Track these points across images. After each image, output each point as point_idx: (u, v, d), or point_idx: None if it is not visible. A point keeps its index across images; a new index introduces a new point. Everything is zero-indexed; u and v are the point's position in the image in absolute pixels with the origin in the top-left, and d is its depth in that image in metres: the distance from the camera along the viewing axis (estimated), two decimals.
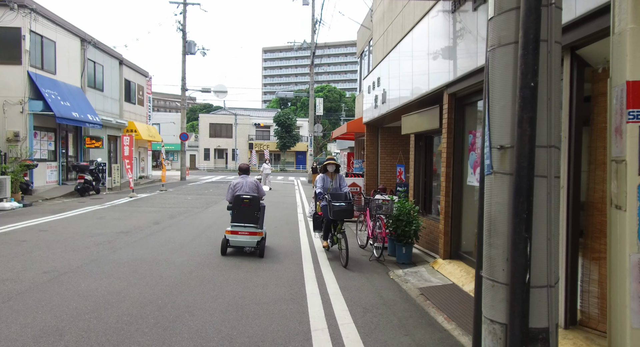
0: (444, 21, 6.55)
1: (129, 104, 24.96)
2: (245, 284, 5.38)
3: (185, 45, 28.11)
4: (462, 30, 5.93)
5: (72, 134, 19.05)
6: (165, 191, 19.11)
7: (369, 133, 13.45)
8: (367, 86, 12.93)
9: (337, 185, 7.48)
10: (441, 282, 5.84)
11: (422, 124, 7.91)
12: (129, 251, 6.89)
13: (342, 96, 75.49)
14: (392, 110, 9.82)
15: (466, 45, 5.76)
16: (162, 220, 10.44)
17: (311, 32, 29.72)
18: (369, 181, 13.29)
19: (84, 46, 19.43)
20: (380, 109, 11.03)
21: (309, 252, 7.52)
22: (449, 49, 6.39)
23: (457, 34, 6.10)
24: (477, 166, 6.05)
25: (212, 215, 11.81)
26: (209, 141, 56.07)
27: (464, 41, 5.87)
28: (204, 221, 10.56)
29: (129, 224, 9.59)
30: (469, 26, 5.70)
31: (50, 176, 17.07)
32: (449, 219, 6.62)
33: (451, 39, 6.31)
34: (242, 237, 6.95)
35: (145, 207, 13.08)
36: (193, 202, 14.93)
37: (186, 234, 8.63)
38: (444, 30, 6.57)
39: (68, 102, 16.94)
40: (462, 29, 5.95)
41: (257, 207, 7.10)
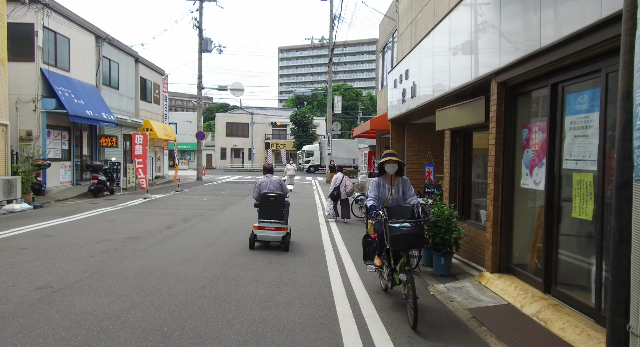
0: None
1: (144, 102, 24.56)
2: (266, 304, 4.63)
3: (201, 43, 27.61)
4: (515, 2, 5.06)
5: (87, 133, 18.64)
6: (181, 192, 18.57)
7: (394, 130, 12.61)
8: (392, 80, 12.09)
9: (398, 194, 5.12)
10: (494, 302, 4.99)
11: (461, 119, 7.05)
12: (136, 261, 6.21)
13: (358, 95, 74.58)
14: (423, 105, 8.97)
15: (524, 20, 4.89)
16: (175, 223, 9.79)
17: (329, 28, 28.96)
18: None
19: (98, 43, 19.02)
20: (408, 103, 10.18)
21: (335, 261, 6.74)
22: (497, 30, 5.53)
23: (508, 10, 5.23)
24: (534, 166, 5.18)
25: (229, 218, 11.13)
26: (226, 140, 55.79)
27: (519, 17, 5.00)
28: (220, 225, 9.88)
29: (139, 228, 8.96)
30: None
31: (64, 176, 16.67)
32: (498, 227, 5.76)
33: (499, 19, 5.45)
34: (269, 232, 7.41)
35: (158, 209, 12.48)
36: (209, 203, 14.29)
37: (200, 240, 7.94)
38: (491, 12, 5.71)
39: (82, 100, 16.50)
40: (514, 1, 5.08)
41: (282, 204, 7.50)
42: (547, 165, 4.80)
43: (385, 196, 5.13)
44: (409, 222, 4.48)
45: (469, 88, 6.72)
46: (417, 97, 9.44)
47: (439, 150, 11.98)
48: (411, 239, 4.45)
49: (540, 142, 5.07)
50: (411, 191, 5.15)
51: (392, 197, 5.12)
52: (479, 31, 6.19)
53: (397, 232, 4.40)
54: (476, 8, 6.30)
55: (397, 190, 5.14)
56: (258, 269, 6.08)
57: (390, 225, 4.46)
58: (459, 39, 6.91)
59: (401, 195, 5.13)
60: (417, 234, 4.45)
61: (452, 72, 7.32)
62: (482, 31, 6.11)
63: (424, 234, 4.65)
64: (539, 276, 4.96)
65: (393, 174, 5.16)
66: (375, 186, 5.18)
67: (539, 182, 5.05)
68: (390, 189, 5.14)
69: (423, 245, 4.97)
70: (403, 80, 10.71)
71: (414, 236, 4.43)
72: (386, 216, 4.57)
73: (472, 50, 6.40)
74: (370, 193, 5.11)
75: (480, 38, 6.16)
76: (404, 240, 4.43)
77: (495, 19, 5.58)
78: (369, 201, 5.03)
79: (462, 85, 6.78)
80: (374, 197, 5.06)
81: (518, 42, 5.05)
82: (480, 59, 6.14)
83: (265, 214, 7.43)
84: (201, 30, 27.41)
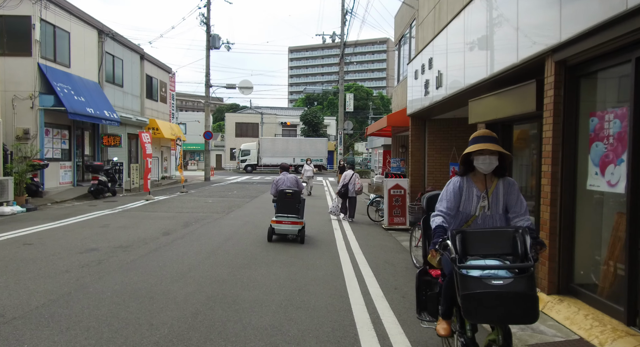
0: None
1: (150, 101, 23.80)
2: (271, 339, 3.64)
3: (209, 39, 26.80)
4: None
5: (89, 131, 17.88)
6: (186, 193, 17.71)
7: (414, 127, 11.56)
8: (412, 72, 11.05)
9: (497, 209, 2.93)
10: (561, 336, 3.94)
11: (503, 109, 6.00)
12: (120, 278, 5.26)
13: (369, 95, 73.63)
14: (451, 96, 7.93)
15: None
16: (174, 229, 8.86)
17: (341, 24, 27.98)
18: (415, 182, 11.42)
19: (101, 38, 18.25)
20: (432, 95, 9.14)
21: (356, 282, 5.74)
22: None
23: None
24: (608, 163, 4.12)
25: (234, 222, 10.19)
26: (235, 141, 55.05)
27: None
28: (223, 230, 8.93)
29: (133, 235, 8.05)
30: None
31: (64, 177, 15.90)
32: (557, 238, 4.71)
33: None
34: (286, 226, 7.83)
35: (159, 212, 11.59)
36: (214, 206, 13.38)
37: (199, 250, 6.99)
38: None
39: (82, 97, 15.72)
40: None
41: (298, 200, 7.98)
42: (631, 162, 3.75)
43: (472, 211, 2.94)
44: (504, 268, 2.46)
45: (513, 72, 5.67)
46: (443, 87, 8.40)
47: (464, 148, 10.91)
48: (507, 304, 2.33)
49: (617, 134, 4.02)
50: (520, 205, 2.91)
51: (483, 215, 2.92)
52: (527, 0, 5.15)
53: (478, 287, 2.36)
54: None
55: (495, 201, 2.92)
56: (263, 287, 5.10)
57: (463, 273, 2.44)
58: (499, 15, 5.87)
59: (501, 211, 2.93)
60: (521, 295, 2.33)
61: (490, 55, 6.27)
62: (531, 4, 5.06)
63: (534, 295, 2.36)
64: (618, 302, 3.91)
65: (489, 173, 2.93)
66: (451, 192, 2.98)
67: (616, 183, 4.00)
68: (482, 199, 2.92)
69: (533, 318, 2.37)
70: (426, 70, 9.68)
71: (513, 299, 2.32)
72: (459, 252, 2.55)
73: (518, 26, 5.35)
74: (440, 204, 2.99)
75: (529, 10, 5.11)
76: (492, 305, 2.34)
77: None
78: (435, 217, 2.93)
79: (504, 69, 5.73)
80: (445, 211, 2.93)
81: (589, 8, 4.00)
82: (530, 36, 5.09)
83: (283, 209, 7.91)
84: (209, 26, 26.60)
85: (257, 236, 8.44)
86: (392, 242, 8.74)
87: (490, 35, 6.21)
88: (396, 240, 8.99)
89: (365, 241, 8.63)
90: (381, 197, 12.36)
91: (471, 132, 9.94)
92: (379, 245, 8.27)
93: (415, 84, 10.76)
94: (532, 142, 6.10)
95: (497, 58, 6.03)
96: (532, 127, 6.04)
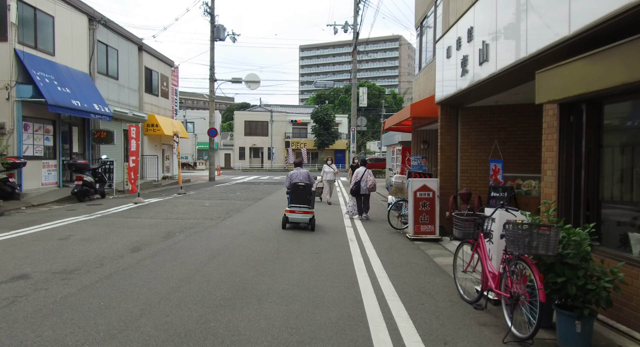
0: None
1: (150, 95, 22.24)
2: None
3: (213, 31, 25.15)
4: None
5: (78, 127, 16.31)
6: (184, 195, 16.03)
7: (444, 117, 9.68)
8: (442, 50, 9.18)
9: None
10: None
11: (602, 76, 4.11)
12: (26, 330, 3.51)
13: (381, 93, 71.79)
14: (505, 70, 6.05)
15: None
16: (150, 242, 7.13)
17: (353, 13, 26.13)
18: (445, 182, 9.55)
19: (92, 26, 16.68)
20: (473, 74, 7.27)
21: None
22: None
23: None
24: None
25: (228, 231, 8.43)
26: (244, 139, 53.58)
27: None
28: (211, 244, 7.18)
29: (91, 253, 6.32)
30: None
31: (47, 177, 14.34)
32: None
33: None
34: (298, 215, 8.73)
35: (143, 218, 9.88)
36: (210, 210, 11.65)
37: (168, 276, 5.22)
38: None
39: (68, 88, 14.13)
40: None
41: (309, 192, 8.84)
42: None
43: None
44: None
45: (612, 24, 3.81)
46: (491, 61, 6.52)
47: (505, 141, 9.03)
48: None
49: None
50: None
51: None
52: None
53: None
54: None
55: None
56: (247, 344, 3.31)
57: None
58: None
59: None
60: None
61: (573, 5, 4.40)
62: None
63: None
64: None
65: None
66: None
67: None
68: None
69: None
70: (463, 45, 7.81)
71: None
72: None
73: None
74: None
75: None
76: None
77: None
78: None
79: (600, 20, 3.87)
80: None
81: None
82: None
83: (296, 200, 8.82)
84: (213, 17, 24.95)
85: (252, 252, 6.67)
86: (422, 257, 6.93)
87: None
88: (426, 255, 7.18)
89: (388, 256, 6.82)
90: (404, 201, 10.51)
91: (520, 120, 7.79)
92: (407, 263, 6.47)
93: (447, 64, 8.88)
94: (634, 126, 4.22)
95: (586, 8, 4.17)
96: (633, 104, 4.18)
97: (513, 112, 9.07)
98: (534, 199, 8.29)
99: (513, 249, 3.82)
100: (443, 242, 8.59)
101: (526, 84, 6.91)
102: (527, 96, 7.95)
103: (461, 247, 5.17)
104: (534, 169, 8.96)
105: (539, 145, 9.05)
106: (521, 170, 8.94)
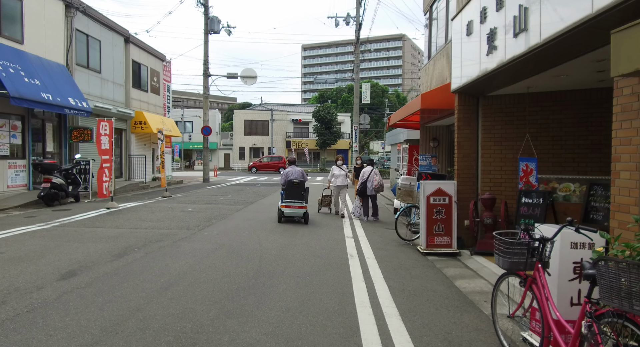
0: None
1: (138, 91, 20.80)
2: None
3: (207, 22, 23.67)
4: None
5: (53, 123, 14.87)
6: (169, 198, 14.56)
7: (462, 107, 8.17)
8: (462, 27, 7.66)
9: None
10: None
11: None
12: None
13: (384, 92, 70.37)
14: (552, 39, 4.52)
15: None
16: (94, 263, 5.63)
17: (356, 4, 24.64)
18: (463, 185, 8.03)
19: (70, 13, 15.24)
20: (503, 51, 5.76)
21: None
22: None
23: None
24: None
25: (203, 245, 6.92)
26: (244, 139, 52.15)
27: None
28: (173, 265, 5.68)
29: (3, 282, 4.84)
30: None
31: (14, 179, 12.90)
32: None
33: None
34: (292, 210, 9.51)
35: (106, 228, 8.39)
36: (190, 217, 10.16)
37: (91, 320, 3.72)
38: None
39: (38, 80, 12.69)
40: None
41: (303, 188, 9.59)
42: None
43: None
44: None
45: None
46: (531, 30, 5.00)
47: (536, 136, 7.49)
48: None
49: None
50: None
51: None
52: None
53: None
54: None
55: None
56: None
57: None
58: None
59: None
60: None
61: None
62: None
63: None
64: None
65: None
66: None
67: None
68: None
69: None
70: (489, 16, 6.29)
71: None
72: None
73: None
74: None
75: None
76: None
77: None
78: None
79: None
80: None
81: None
82: None
83: (290, 195, 9.45)
84: (207, 8, 23.48)
85: (223, 276, 5.18)
86: (440, 281, 5.46)
87: None
88: (445, 277, 5.71)
89: (398, 280, 5.33)
90: (414, 207, 9.01)
91: (555, 111, 6.12)
92: (422, 289, 4.99)
93: (467, 43, 7.36)
94: None
95: None
96: None
97: (546, 101, 7.55)
98: (575, 207, 6.78)
99: (613, 302, 2.32)
100: (462, 258, 7.11)
101: (573, 62, 5.41)
102: (569, 80, 6.43)
103: (504, 279, 3.66)
104: (572, 169, 7.45)
105: (578, 140, 7.52)
106: (556, 171, 7.42)
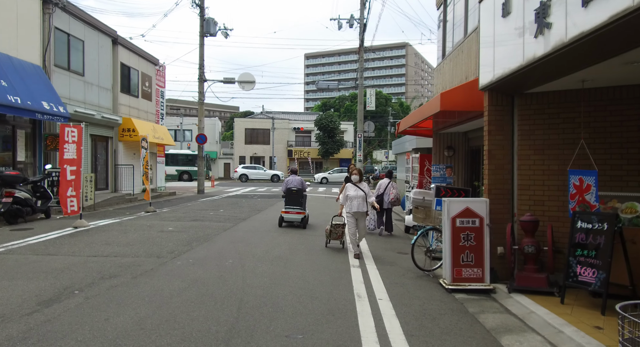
0: None
1: (128, 96, 19.43)
2: None
3: (202, 24, 22.36)
4: None
5: (26, 130, 13.45)
6: (152, 213, 13.06)
7: (493, 108, 6.67)
8: (495, 8, 6.18)
9: None
10: None
11: None
12: None
13: (388, 100, 69.21)
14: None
15: None
16: (3, 319, 4.13)
17: (360, 5, 23.34)
18: (494, 204, 6.49)
19: (47, 9, 13.90)
20: (562, 29, 4.26)
21: None
22: None
23: None
24: None
25: (169, 283, 5.38)
26: (245, 148, 50.79)
27: None
28: (114, 320, 4.15)
29: None
30: None
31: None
32: None
33: None
34: (292, 215, 10.44)
35: (59, 255, 6.86)
36: (167, 239, 8.63)
37: None
38: None
39: (4, 80, 11.31)
40: None
41: (301, 195, 10.44)
42: None
43: None
44: None
45: None
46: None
47: (589, 144, 5.94)
48: None
49: None
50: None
51: None
52: None
53: None
54: None
55: None
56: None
57: None
58: None
59: None
60: None
61: None
62: None
63: None
64: None
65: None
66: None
67: None
68: None
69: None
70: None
71: None
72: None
73: None
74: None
75: None
76: None
77: None
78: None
79: None
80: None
81: None
82: None
83: (290, 202, 10.46)
84: (203, 9, 22.20)
85: (182, 337, 3.65)
86: (481, 338, 3.99)
87: None
88: (484, 329, 4.20)
89: (424, 338, 3.78)
90: (434, 230, 7.44)
91: (614, 112, 4.63)
92: None
93: (503, 26, 5.87)
94: None
95: None
96: None
97: (602, 100, 6.05)
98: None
99: None
100: (498, 297, 5.57)
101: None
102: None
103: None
104: (637, 184, 5.92)
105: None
106: (616, 187, 5.88)
